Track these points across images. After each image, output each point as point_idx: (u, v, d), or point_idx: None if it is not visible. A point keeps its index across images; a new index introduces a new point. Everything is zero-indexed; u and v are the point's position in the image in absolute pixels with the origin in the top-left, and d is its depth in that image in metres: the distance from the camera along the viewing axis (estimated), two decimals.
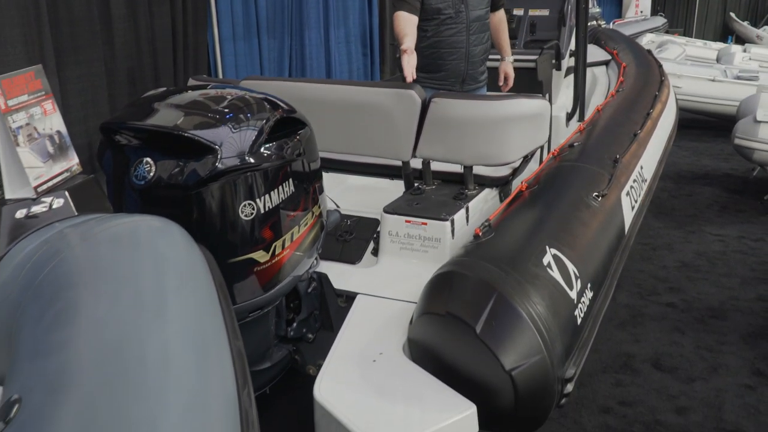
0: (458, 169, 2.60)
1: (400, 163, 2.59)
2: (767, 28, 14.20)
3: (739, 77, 7.36)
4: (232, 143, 1.62)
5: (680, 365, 3.08)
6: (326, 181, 2.05)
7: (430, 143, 2.48)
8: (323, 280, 2.21)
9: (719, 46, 10.44)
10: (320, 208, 1.96)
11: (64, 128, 1.52)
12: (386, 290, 2.19)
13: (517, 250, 2.02)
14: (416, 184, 2.62)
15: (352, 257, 2.44)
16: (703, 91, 7.27)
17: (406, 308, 2.06)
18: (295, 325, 2.17)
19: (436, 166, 2.62)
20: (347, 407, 1.69)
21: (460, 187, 2.58)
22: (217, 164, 1.59)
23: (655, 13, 14.56)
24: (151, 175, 1.63)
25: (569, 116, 4.10)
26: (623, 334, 3.35)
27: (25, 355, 1.04)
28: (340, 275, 2.28)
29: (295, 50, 5.96)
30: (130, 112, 1.81)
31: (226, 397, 1.01)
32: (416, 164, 2.62)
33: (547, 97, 3.72)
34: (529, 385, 1.72)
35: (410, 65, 2.58)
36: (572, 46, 4.40)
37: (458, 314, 1.78)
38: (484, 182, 2.65)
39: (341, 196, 2.71)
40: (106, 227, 1.28)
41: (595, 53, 5.53)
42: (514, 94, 2.64)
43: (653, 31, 11.43)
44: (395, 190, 2.64)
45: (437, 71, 3.23)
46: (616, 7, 15.00)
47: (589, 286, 2.11)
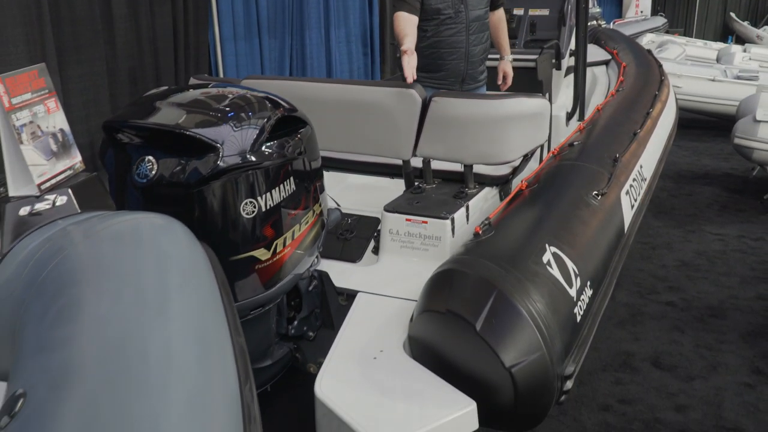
0: (458, 168, 2.60)
1: (400, 162, 2.60)
2: (767, 28, 14.20)
3: (739, 77, 7.36)
4: (233, 141, 1.63)
5: (680, 364, 3.08)
6: (327, 179, 2.06)
7: (430, 142, 2.49)
8: (324, 278, 2.22)
9: (719, 46, 10.43)
10: (321, 206, 1.97)
11: (67, 126, 1.52)
12: (387, 288, 2.20)
13: (517, 248, 2.03)
14: (417, 182, 2.62)
15: (352, 256, 2.45)
16: (703, 90, 7.27)
17: (406, 306, 2.07)
18: (296, 323, 2.18)
19: (436, 164, 2.63)
20: (348, 404, 1.70)
21: (460, 185, 2.58)
22: (218, 162, 1.60)
23: (655, 13, 14.55)
24: (153, 173, 1.63)
25: (569, 116, 4.10)
26: (623, 332, 3.35)
27: (29, 351, 1.05)
28: (340, 273, 2.28)
29: (295, 50, 5.97)
30: (132, 110, 1.82)
31: (228, 392, 1.02)
32: (417, 163, 2.63)
33: (547, 96, 3.73)
34: (528, 382, 1.73)
35: (410, 66, 2.59)
36: (572, 45, 4.40)
37: (458, 312, 1.79)
38: (484, 181, 2.66)
39: (342, 194, 2.72)
40: (108, 224, 1.29)
41: (595, 53, 5.53)
42: (514, 93, 2.65)
43: (653, 31, 11.42)
44: (396, 188, 2.65)
45: (437, 71, 3.23)
46: (616, 7, 15.00)
47: (588, 284, 2.12)
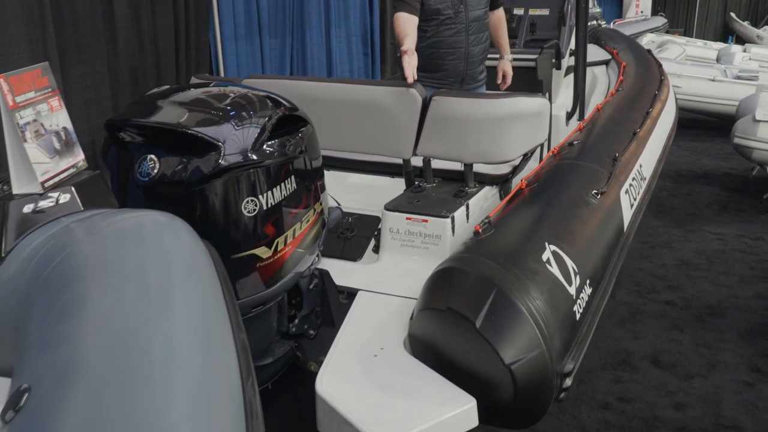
0: (459, 167, 2.61)
1: (401, 161, 2.61)
2: (767, 28, 14.20)
3: (739, 77, 7.37)
4: (235, 140, 1.64)
5: (679, 362, 3.09)
6: (328, 179, 2.06)
7: (430, 141, 2.50)
8: (325, 276, 2.22)
9: (719, 46, 10.44)
10: (322, 205, 1.97)
11: (70, 125, 1.53)
12: (387, 287, 2.20)
13: (516, 246, 2.04)
14: (417, 181, 2.63)
15: (353, 254, 2.45)
16: (702, 90, 7.28)
17: (406, 304, 2.08)
18: (296, 321, 2.18)
19: (436, 164, 2.64)
20: (349, 401, 1.70)
21: (460, 184, 2.59)
22: (220, 161, 1.61)
23: (655, 13, 14.56)
24: (155, 171, 1.64)
25: (569, 115, 4.11)
26: (622, 331, 3.36)
27: (33, 346, 1.06)
28: (341, 272, 2.29)
29: (296, 50, 5.98)
30: (134, 109, 1.83)
31: (230, 387, 1.03)
32: (417, 162, 2.63)
33: (547, 96, 3.74)
34: (528, 379, 1.74)
35: (411, 66, 2.59)
36: (572, 45, 4.41)
37: (458, 309, 1.80)
38: (484, 180, 2.67)
39: (342, 194, 2.73)
40: (111, 222, 1.30)
41: (595, 53, 5.53)
42: (514, 92, 2.66)
43: (653, 31, 11.43)
44: (396, 188, 2.65)
45: (436, 71, 3.24)
46: (616, 7, 15.01)
47: (588, 282, 2.13)
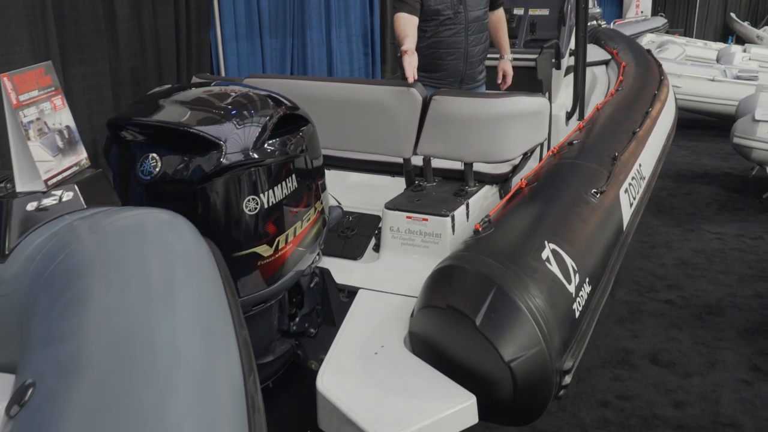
0: (459, 166, 2.62)
1: (401, 160, 2.62)
2: (767, 28, 14.21)
3: (738, 77, 7.38)
4: (236, 139, 1.65)
5: (678, 360, 3.10)
6: (328, 178, 2.07)
7: (430, 141, 2.51)
8: (325, 275, 2.23)
9: (719, 46, 10.45)
10: (323, 204, 1.99)
11: (73, 123, 1.54)
12: (387, 285, 2.21)
13: (516, 244, 2.05)
14: (417, 181, 2.64)
15: (353, 253, 2.46)
16: (702, 90, 7.29)
17: (407, 302, 2.09)
18: (297, 319, 2.19)
19: (436, 163, 2.65)
20: (350, 398, 1.72)
21: (460, 184, 2.60)
22: (221, 160, 1.62)
23: (655, 13, 14.57)
24: (156, 170, 1.65)
25: (569, 115, 4.12)
26: (622, 330, 3.37)
27: (37, 341, 1.07)
28: (342, 271, 2.30)
29: (297, 50, 5.99)
30: (136, 108, 1.84)
31: (232, 383, 1.04)
32: (417, 161, 2.64)
33: (546, 95, 3.75)
34: (527, 376, 1.75)
35: (411, 66, 2.60)
36: (572, 45, 4.42)
37: (458, 307, 1.81)
38: (484, 179, 2.68)
39: (343, 193, 2.74)
40: (114, 220, 1.31)
41: (595, 53, 5.54)
42: (514, 92, 2.67)
43: (653, 31, 11.43)
44: (396, 187, 2.66)
45: (436, 71, 3.25)
46: (616, 7, 15.02)
47: (587, 280, 2.14)
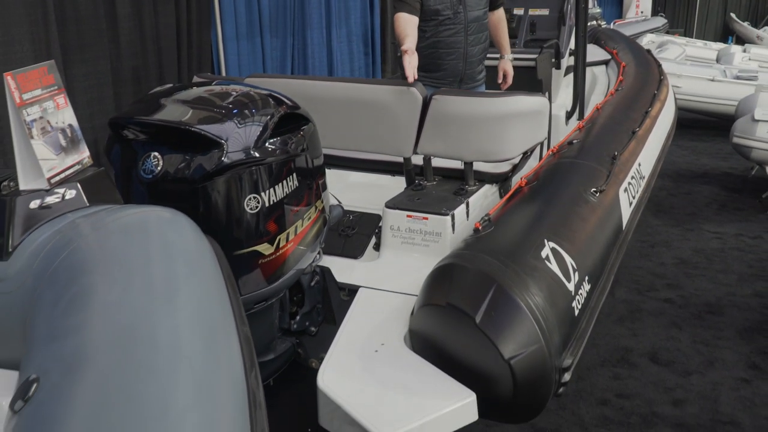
0: (459, 165, 2.63)
1: (401, 159, 2.63)
2: (767, 28, 14.22)
3: (738, 77, 7.39)
4: (237, 138, 1.66)
5: (677, 359, 3.11)
6: (329, 177, 2.08)
7: (431, 140, 2.52)
8: (326, 273, 2.24)
9: (719, 46, 10.46)
10: (323, 203, 1.99)
11: (75, 122, 1.55)
12: (388, 283, 2.22)
13: (516, 243, 2.06)
14: (417, 180, 2.65)
15: (354, 252, 2.47)
16: (702, 90, 7.30)
17: (407, 300, 2.10)
18: (298, 318, 2.20)
19: (436, 162, 2.66)
20: (350, 396, 1.73)
21: (460, 183, 2.61)
22: (223, 158, 1.63)
23: (655, 13, 14.57)
24: (158, 169, 1.66)
25: (569, 114, 4.13)
26: (621, 329, 3.38)
27: (41, 337, 1.08)
28: (342, 269, 2.31)
29: (297, 49, 6.00)
30: (137, 107, 1.86)
31: (234, 378, 1.05)
32: (417, 161, 2.65)
33: (546, 95, 3.76)
34: (527, 373, 1.76)
35: (411, 66, 2.61)
36: (572, 45, 4.43)
37: (458, 305, 1.82)
38: (484, 178, 2.68)
39: (344, 192, 2.74)
40: (117, 217, 1.32)
41: (594, 53, 5.55)
42: (513, 91, 2.68)
43: (654, 31, 11.44)
44: (397, 186, 2.67)
45: (436, 71, 3.26)
46: (616, 7, 15.03)
47: (586, 278, 2.15)
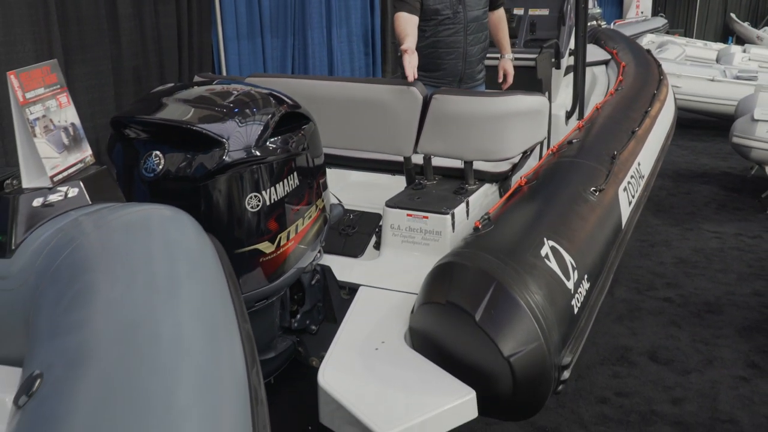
0: (459, 164, 2.64)
1: (401, 158, 2.64)
2: (767, 29, 14.22)
3: (738, 77, 7.39)
4: (238, 137, 1.67)
5: (676, 358, 3.12)
6: (329, 176, 2.09)
7: (431, 139, 2.53)
8: (326, 272, 2.25)
9: (719, 46, 10.46)
10: (324, 202, 2.01)
11: (78, 120, 1.56)
12: (388, 282, 2.23)
13: (515, 241, 2.07)
14: (417, 179, 2.66)
15: (354, 251, 2.48)
16: (702, 90, 7.31)
17: (407, 299, 2.11)
18: (299, 316, 2.21)
19: (436, 161, 2.67)
20: (351, 393, 1.74)
21: (460, 182, 2.62)
22: (224, 157, 1.64)
23: (655, 13, 14.58)
24: (160, 167, 1.67)
25: (568, 114, 4.14)
26: (621, 327, 3.39)
27: (44, 334, 1.09)
28: (343, 268, 2.32)
29: (297, 49, 6.01)
30: (139, 106, 1.87)
31: (236, 374, 1.05)
32: (417, 160, 2.66)
33: (546, 95, 3.77)
34: (526, 371, 1.77)
35: (411, 65, 2.62)
36: (572, 45, 4.44)
37: (458, 303, 1.83)
38: (484, 177, 2.70)
39: (344, 191, 2.75)
40: (119, 215, 1.33)
41: (594, 53, 5.56)
42: (513, 91, 2.69)
43: (654, 31, 11.45)
44: (397, 185, 2.68)
45: (435, 70, 3.27)
46: (616, 7, 15.03)
47: (586, 277, 2.16)
